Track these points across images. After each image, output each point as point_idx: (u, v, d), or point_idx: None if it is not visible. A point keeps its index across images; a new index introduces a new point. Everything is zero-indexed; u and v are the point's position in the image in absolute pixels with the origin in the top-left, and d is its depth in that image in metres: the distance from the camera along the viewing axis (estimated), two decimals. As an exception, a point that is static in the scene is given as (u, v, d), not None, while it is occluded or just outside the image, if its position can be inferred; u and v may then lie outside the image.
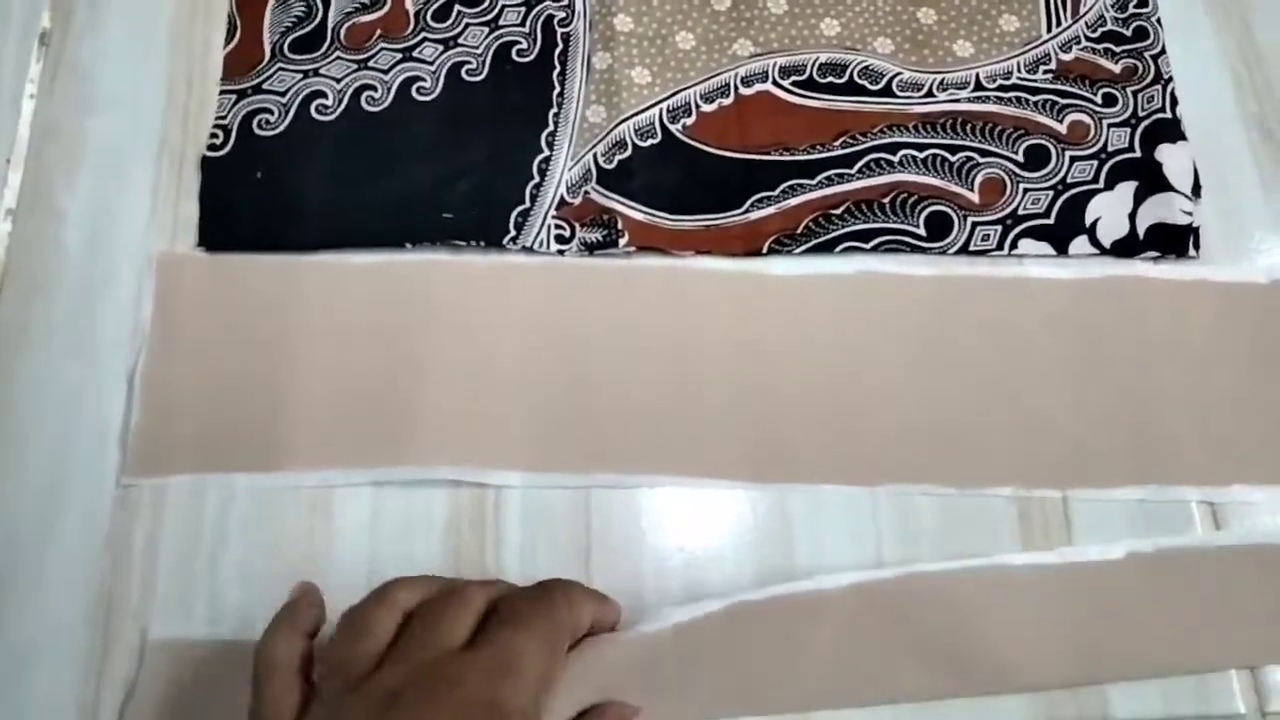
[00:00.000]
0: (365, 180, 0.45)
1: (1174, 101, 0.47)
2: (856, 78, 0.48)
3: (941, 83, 0.48)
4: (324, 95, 0.47)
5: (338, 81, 0.47)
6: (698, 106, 0.47)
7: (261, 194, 0.45)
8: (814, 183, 0.46)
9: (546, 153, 0.46)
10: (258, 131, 0.46)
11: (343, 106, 0.47)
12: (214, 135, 0.46)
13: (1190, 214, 0.45)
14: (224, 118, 0.47)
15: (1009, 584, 0.39)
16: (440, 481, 0.41)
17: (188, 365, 0.42)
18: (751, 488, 0.41)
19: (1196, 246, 0.45)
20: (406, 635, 0.32)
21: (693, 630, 0.37)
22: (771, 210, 0.45)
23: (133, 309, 0.43)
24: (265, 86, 0.47)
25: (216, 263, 0.44)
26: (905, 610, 0.39)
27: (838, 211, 0.45)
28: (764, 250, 0.45)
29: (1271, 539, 0.40)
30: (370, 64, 0.47)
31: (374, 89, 0.47)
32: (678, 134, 0.47)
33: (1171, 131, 0.47)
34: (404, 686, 0.30)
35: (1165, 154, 0.46)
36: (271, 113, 0.47)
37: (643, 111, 0.47)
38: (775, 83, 0.48)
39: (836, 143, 0.47)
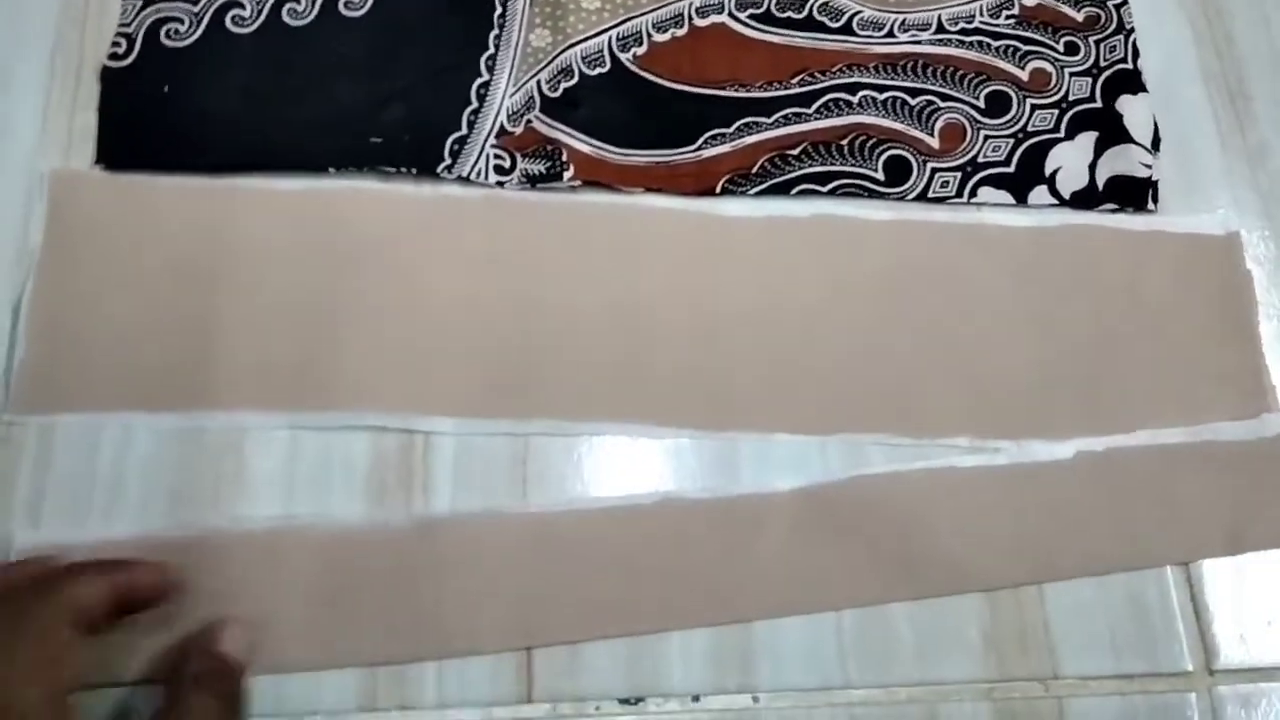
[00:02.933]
0: (285, 99, 0.42)
1: (1135, 52, 0.46)
2: (816, 13, 0.45)
3: (903, 23, 0.46)
4: (240, 5, 0.43)
5: (257, -9, 0.43)
6: (649, 36, 0.44)
7: (169, 109, 0.41)
8: (770, 121, 0.43)
9: (486, 77, 0.43)
10: (166, 42, 0.42)
11: (261, 19, 0.43)
12: (116, 44, 0.42)
13: (1149, 167, 0.44)
14: (128, 25, 0.42)
15: (957, 484, 0.39)
16: (364, 426, 0.38)
17: (82, 294, 0.38)
18: (699, 436, 0.39)
19: (1155, 200, 0.44)
20: None
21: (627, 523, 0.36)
22: (725, 148, 0.43)
23: (18, 232, 0.39)
24: (175, -8, 0.43)
25: (118, 183, 0.40)
26: (853, 513, 0.38)
27: (794, 152, 0.43)
28: (717, 190, 0.42)
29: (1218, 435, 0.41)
30: (293, -27, 0.43)
31: (297, 1, 0.43)
32: (628, 64, 0.44)
33: (1132, 82, 0.46)
34: None
35: (1126, 105, 0.45)
36: (182, 22, 0.42)
37: (591, 38, 0.44)
38: (731, 14, 0.45)
39: (794, 80, 0.44)
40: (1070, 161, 0.44)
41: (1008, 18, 0.46)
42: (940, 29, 0.46)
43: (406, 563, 0.36)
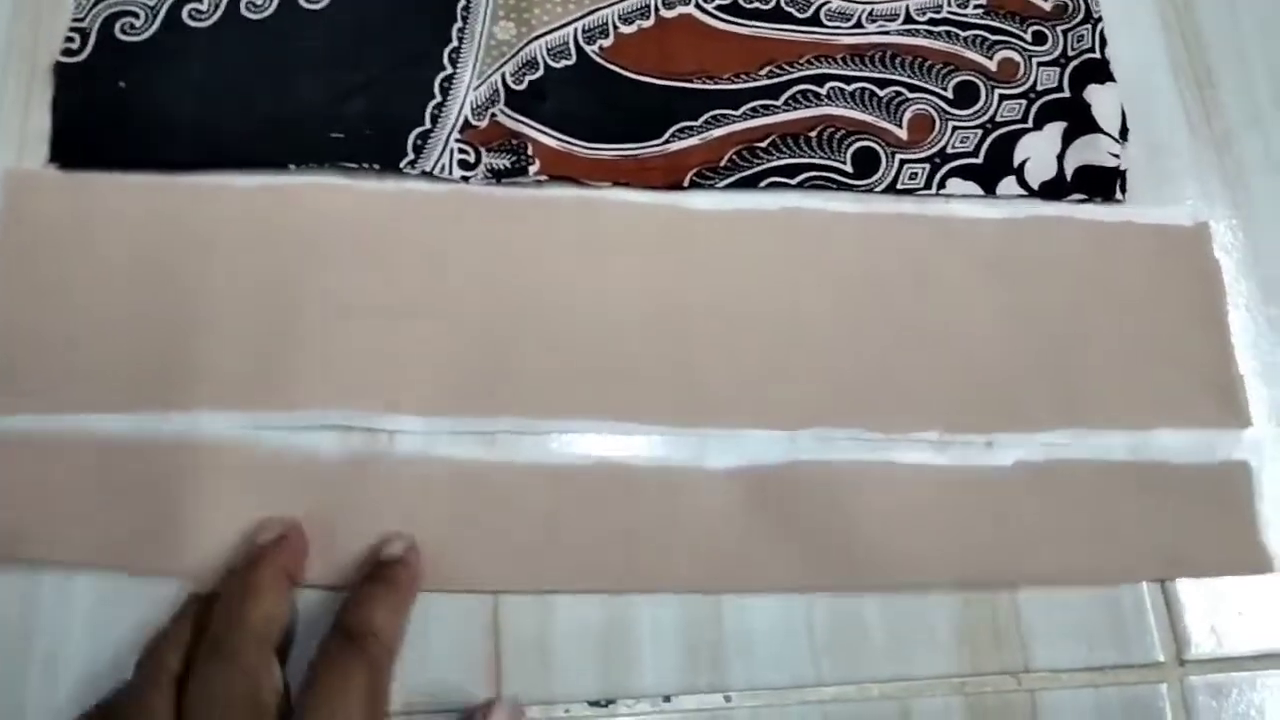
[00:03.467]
0: (244, 95, 0.41)
1: (1103, 42, 0.46)
2: (784, 4, 0.45)
3: (871, 14, 0.46)
4: (198, -1, 0.42)
5: (214, -16, 0.42)
6: (615, 27, 0.44)
7: (125, 106, 0.40)
8: (738, 114, 0.43)
9: (449, 70, 0.42)
10: (121, 36, 0.41)
11: (220, 12, 0.42)
12: (70, 39, 0.41)
13: (1118, 156, 0.44)
14: (81, 20, 0.41)
15: (893, 480, 0.39)
16: (328, 427, 0.37)
17: (39, 294, 0.37)
18: (669, 433, 0.39)
19: (1123, 190, 0.44)
20: None
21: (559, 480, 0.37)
22: (694, 141, 0.42)
23: (-29, 233, 0.38)
24: (130, -14, 0.42)
25: (75, 181, 0.39)
26: (785, 499, 0.38)
27: (763, 144, 0.43)
28: (685, 183, 0.42)
29: (1162, 457, 0.40)
30: (252, -33, 0.43)
31: (256, -6, 0.42)
32: (594, 56, 0.43)
33: (1100, 72, 0.45)
34: None
35: (1094, 95, 0.45)
36: (137, 16, 0.41)
37: (556, 30, 0.43)
38: (699, 6, 0.45)
39: (762, 72, 0.44)
40: (1039, 152, 0.44)
41: (975, 7, 0.46)
42: (908, 19, 0.46)
43: (334, 491, 0.36)
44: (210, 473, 0.36)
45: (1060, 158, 0.44)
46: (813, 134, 0.43)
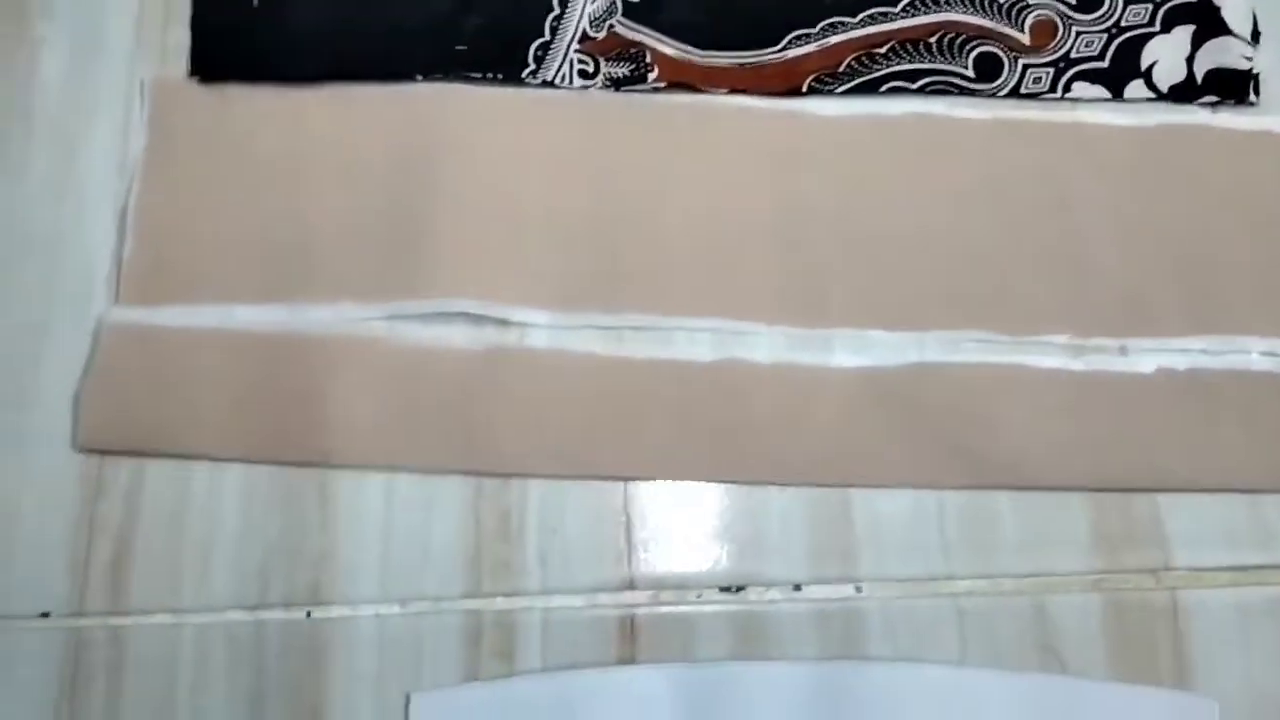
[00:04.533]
0: (372, 9, 0.42)
1: (1233, -56, 0.45)
2: (900, -87, 0.45)
3: (989, -79, 0.45)
4: (328, -81, 0.43)
5: (342, -95, 0.43)
6: (732, -62, 0.44)
7: (259, 21, 0.42)
8: (855, 20, 0.43)
9: (569, -18, 0.43)
10: (255, -44, 0.43)
11: (348, -69, 0.43)
12: (206, -41, 0.42)
13: (1250, 59, 0.43)
14: (217, -59, 0.43)
15: (1026, 383, 0.38)
16: (459, 319, 0.38)
17: (185, 197, 0.39)
18: (792, 333, 0.39)
19: (1256, 92, 0.43)
20: None
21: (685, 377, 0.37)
22: (810, 48, 0.42)
23: (119, 142, 0.40)
24: (262, -91, 0.43)
25: (214, 91, 0.41)
26: (912, 398, 0.37)
27: (881, 50, 0.42)
28: (804, 89, 0.42)
29: None
30: (377, -112, 0.44)
31: (382, -86, 0.43)
32: (711, -34, 0.43)
33: (1230, -26, 0.44)
34: None
35: (1224, -2, 0.44)
36: (269, -64, 0.43)
37: (672, -59, 0.43)
38: (814, -84, 0.44)
39: (879, -20, 0.43)
40: (1166, 55, 0.43)
41: (1098, -87, 0.45)
42: (1028, -73, 0.45)
43: (470, 381, 0.36)
44: (349, 365, 0.37)
45: (1190, 60, 0.43)
46: (933, 39, 0.43)
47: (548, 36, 0.42)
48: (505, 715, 0.34)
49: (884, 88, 0.42)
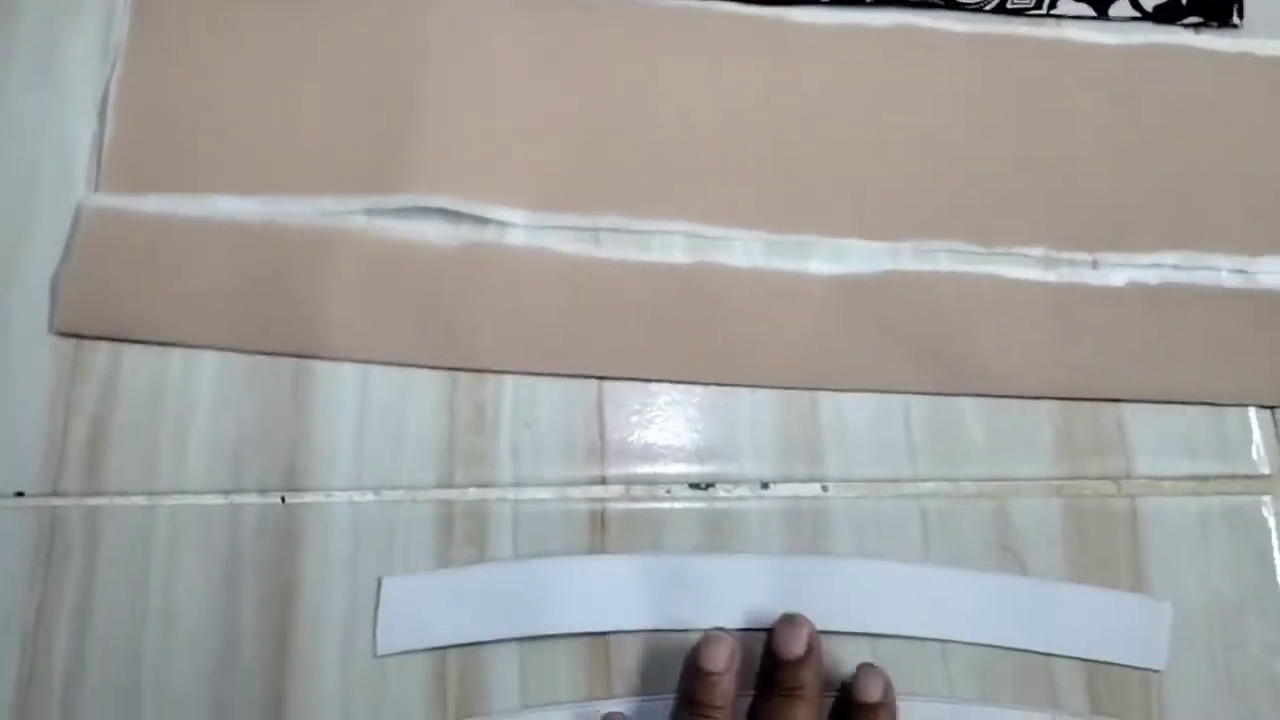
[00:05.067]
0: (358, -95, 0.41)
1: None
2: None
3: None
4: None
5: None
6: None
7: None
8: (843, -69, 0.42)
9: (556, -118, 0.42)
10: None
11: None
12: None
13: (1236, -18, 0.43)
14: None
15: (999, 293, 0.39)
16: (437, 216, 0.38)
17: (167, 85, 0.39)
18: (768, 238, 0.39)
19: (1240, 14, 0.43)
20: None
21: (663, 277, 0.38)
22: (798, -43, 0.42)
23: (102, 29, 0.40)
24: None
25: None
26: (885, 304, 0.38)
27: (869, -39, 0.42)
28: (790, -2, 0.42)
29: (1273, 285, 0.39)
30: None
31: None
32: (698, -128, 0.43)
33: (1220, -104, 0.44)
34: None
35: (1212, -82, 0.43)
36: None
37: None
38: None
39: (868, -108, 0.43)
40: (1154, -26, 0.43)
41: None
42: None
43: (448, 275, 0.37)
44: (327, 257, 0.37)
45: (1176, -19, 0.43)
46: (920, -48, 0.42)
47: (533, -62, 0.42)
48: (474, 600, 0.34)
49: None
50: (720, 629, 0.33)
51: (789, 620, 0.32)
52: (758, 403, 0.37)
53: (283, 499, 0.35)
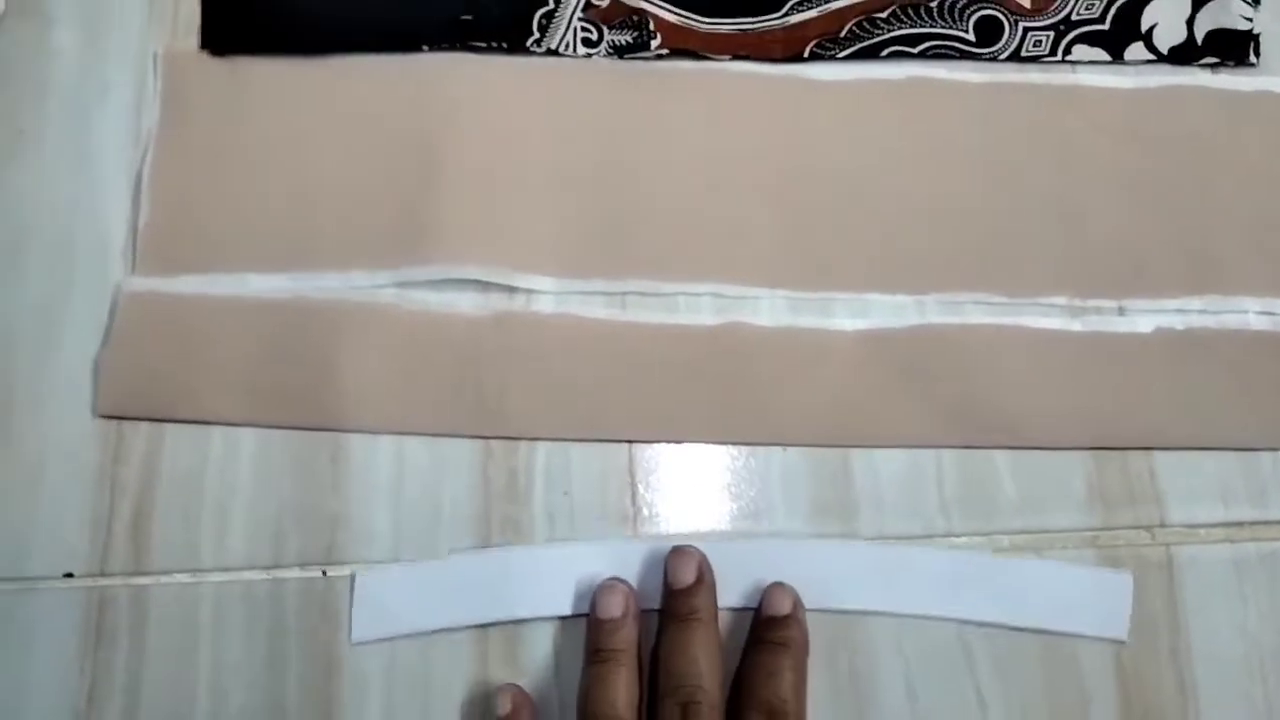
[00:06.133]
0: (378, -20, 0.42)
1: (1236, -96, 0.45)
2: (901, -123, 0.45)
3: (990, -116, 0.45)
4: (331, -109, 0.43)
5: (345, -123, 0.44)
6: (732, -95, 0.44)
7: (267, -6, 0.42)
8: (857, -14, 0.43)
9: (572, -50, 0.43)
10: (260, -71, 0.43)
11: (351, -96, 0.43)
12: (213, -67, 0.43)
13: (1250, 20, 0.43)
14: (223, -85, 0.43)
15: (1026, 343, 0.39)
16: (466, 286, 0.38)
17: (198, 168, 0.39)
18: (794, 296, 0.39)
19: (1257, 53, 0.43)
20: None
21: (691, 339, 0.38)
22: (812, 13, 0.43)
23: (132, 114, 0.41)
24: (267, -118, 0.43)
25: (225, 63, 0.41)
26: (912, 359, 0.38)
27: (883, 15, 0.43)
28: (805, 55, 0.42)
29: None
30: None
31: (385, -115, 0.44)
32: (712, -67, 0.44)
33: (1232, -65, 0.44)
34: None
35: (1225, -42, 0.44)
36: (275, -91, 0.43)
37: (674, -91, 0.44)
38: (814, -118, 0.45)
39: (880, -55, 0.44)
40: (1167, 17, 0.43)
41: (1100, -125, 0.45)
42: (1030, -110, 0.45)
43: (478, 345, 0.37)
44: (359, 331, 0.38)
45: (1190, 22, 0.43)
46: (934, 3, 0.43)
47: (552, 5, 0.42)
48: (444, 590, 0.35)
49: (885, 52, 0.42)
50: (615, 578, 0.35)
51: (678, 550, 0.35)
52: (789, 462, 0.37)
53: (324, 572, 0.36)
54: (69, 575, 0.36)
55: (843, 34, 0.42)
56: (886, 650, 0.35)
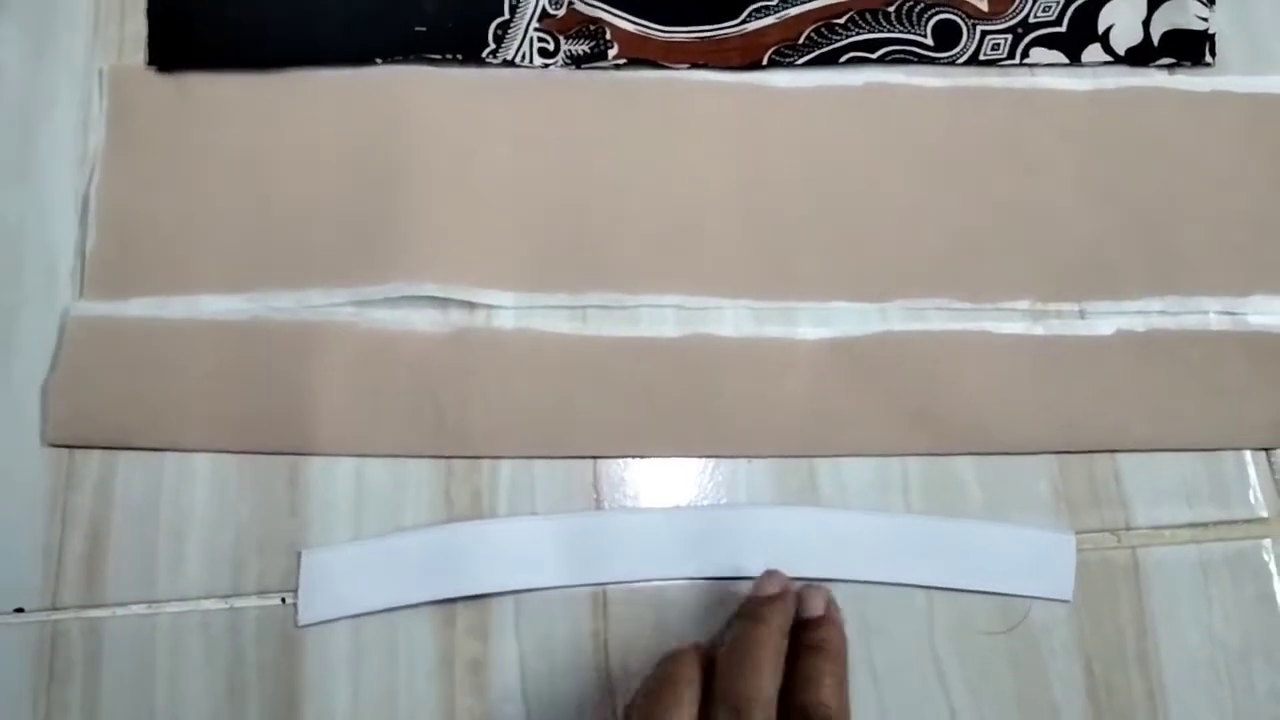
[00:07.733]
0: (329, -7, 0.42)
1: (1188, -95, 0.45)
2: (856, -118, 0.44)
3: (946, -112, 0.45)
4: (279, -97, 0.43)
5: (293, -112, 0.43)
6: (688, -89, 0.44)
7: (215, 8, 0.41)
8: (814, -9, 0.43)
9: (526, -40, 0.42)
10: (207, -59, 0.42)
11: (301, -86, 0.43)
12: (158, -54, 0.42)
13: (1205, 20, 0.43)
14: (169, -73, 0.42)
15: (989, 349, 0.39)
16: (426, 303, 0.38)
17: (146, 188, 0.39)
18: (756, 305, 0.39)
19: (1213, 53, 0.43)
20: None
21: (655, 353, 0.38)
22: (770, 20, 0.42)
23: (78, 133, 0.40)
24: (213, -107, 0.43)
25: (173, 80, 0.40)
26: (878, 365, 0.38)
27: (840, 21, 0.42)
28: (764, 62, 0.42)
29: (1260, 326, 0.40)
30: None
31: (334, -105, 0.43)
32: (667, -60, 0.43)
33: (1186, -65, 0.44)
34: None
35: (1180, -42, 0.44)
36: (222, -79, 0.42)
37: (629, -84, 0.43)
38: (770, -113, 0.44)
39: (837, -50, 0.43)
40: (1123, 18, 0.43)
41: (1054, -123, 0.45)
42: (985, -108, 0.45)
43: (438, 363, 0.37)
44: (317, 352, 0.37)
45: (1146, 23, 0.43)
46: (891, 8, 0.43)
47: (507, 15, 0.42)
48: (390, 566, 0.35)
49: (844, 58, 0.42)
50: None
51: (771, 570, 0.34)
52: (754, 473, 0.37)
53: (283, 600, 0.35)
54: (19, 610, 0.35)
55: (801, 41, 0.42)
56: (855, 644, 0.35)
